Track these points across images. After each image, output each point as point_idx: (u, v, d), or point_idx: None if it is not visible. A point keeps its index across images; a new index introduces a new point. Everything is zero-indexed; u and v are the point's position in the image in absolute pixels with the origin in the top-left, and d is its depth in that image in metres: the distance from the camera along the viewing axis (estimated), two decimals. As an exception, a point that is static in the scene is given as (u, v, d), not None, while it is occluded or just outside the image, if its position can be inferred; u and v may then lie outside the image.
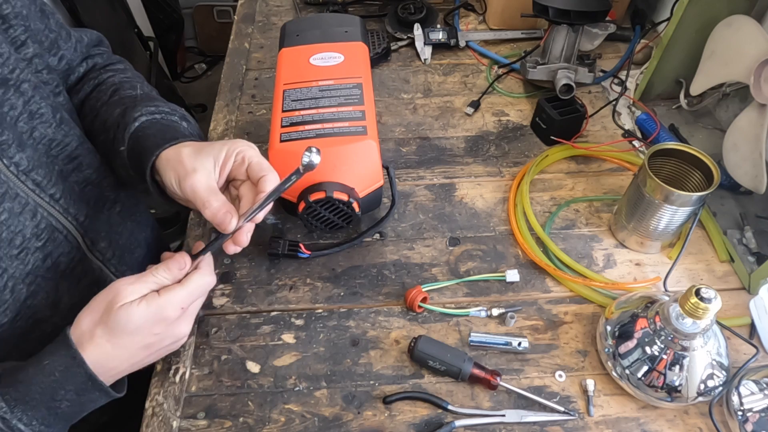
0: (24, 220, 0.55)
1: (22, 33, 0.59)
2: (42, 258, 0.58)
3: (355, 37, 0.79)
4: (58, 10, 1.40)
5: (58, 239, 0.59)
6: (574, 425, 0.59)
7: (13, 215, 0.54)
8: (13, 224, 0.54)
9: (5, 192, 0.53)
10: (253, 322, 0.67)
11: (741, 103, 0.82)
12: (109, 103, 0.67)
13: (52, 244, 0.59)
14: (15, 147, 0.54)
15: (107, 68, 0.72)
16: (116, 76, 0.70)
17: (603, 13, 0.84)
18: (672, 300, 0.55)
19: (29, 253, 0.56)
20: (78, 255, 0.63)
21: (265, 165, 0.56)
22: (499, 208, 0.79)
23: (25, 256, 0.56)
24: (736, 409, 0.56)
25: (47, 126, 0.58)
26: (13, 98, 0.54)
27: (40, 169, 0.57)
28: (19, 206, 0.54)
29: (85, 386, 0.50)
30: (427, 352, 0.61)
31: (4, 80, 0.53)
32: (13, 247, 0.54)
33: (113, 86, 0.68)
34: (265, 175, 0.55)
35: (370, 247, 0.75)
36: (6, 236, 0.53)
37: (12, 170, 0.53)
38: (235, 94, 0.97)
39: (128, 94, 0.67)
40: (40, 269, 0.58)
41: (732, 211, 0.75)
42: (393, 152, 0.87)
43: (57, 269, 0.60)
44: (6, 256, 0.53)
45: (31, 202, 0.56)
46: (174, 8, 2.20)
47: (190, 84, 2.46)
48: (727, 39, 0.74)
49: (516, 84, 0.99)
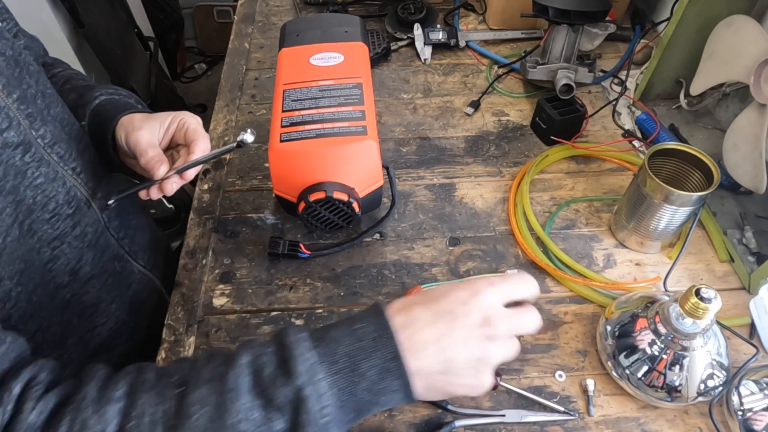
0: (57, 187, 0.57)
1: (14, 26, 0.63)
2: (72, 225, 0.60)
3: (355, 37, 0.79)
4: (58, 11, 1.40)
5: (83, 210, 0.62)
6: (574, 425, 0.59)
7: (48, 180, 0.56)
8: (47, 189, 0.56)
9: (41, 157, 0.55)
10: (253, 322, 0.67)
11: (741, 103, 0.82)
12: (62, 90, 0.70)
13: (80, 213, 0.61)
14: (39, 121, 0.56)
15: (56, 66, 0.75)
16: (66, 71, 0.74)
17: (603, 13, 0.84)
18: (672, 300, 0.55)
19: (60, 219, 0.58)
20: (100, 227, 0.65)
21: (200, 131, 0.63)
22: (499, 208, 0.79)
23: (56, 221, 0.58)
24: (736, 409, 0.56)
25: (56, 106, 0.61)
26: (27, 77, 0.56)
27: (61, 143, 0.59)
28: (53, 173, 0.57)
29: (389, 365, 0.43)
30: (427, 352, 0.61)
31: (17, 61, 0.55)
32: (46, 211, 0.57)
33: (64, 77, 0.72)
34: (196, 140, 0.62)
35: (370, 247, 0.75)
36: (41, 200, 0.56)
37: (39, 141, 0.56)
38: (235, 94, 0.97)
39: (81, 84, 0.71)
40: (68, 236, 0.60)
41: (732, 211, 0.75)
42: (393, 152, 0.87)
43: (84, 238, 0.62)
44: (38, 220, 0.56)
45: (59, 171, 0.58)
46: (174, 8, 2.20)
47: (190, 84, 2.46)
48: (727, 39, 0.74)
49: (516, 84, 0.99)
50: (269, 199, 0.80)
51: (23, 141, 0.53)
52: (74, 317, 0.63)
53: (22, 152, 0.53)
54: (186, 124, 0.63)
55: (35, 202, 0.55)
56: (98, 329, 0.67)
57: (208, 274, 0.72)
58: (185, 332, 0.66)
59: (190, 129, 0.63)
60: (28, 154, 0.54)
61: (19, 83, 0.54)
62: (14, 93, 0.53)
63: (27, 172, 0.54)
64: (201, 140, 0.62)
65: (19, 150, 0.52)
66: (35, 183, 0.55)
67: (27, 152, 0.53)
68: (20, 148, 0.52)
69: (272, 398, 0.41)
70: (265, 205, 0.80)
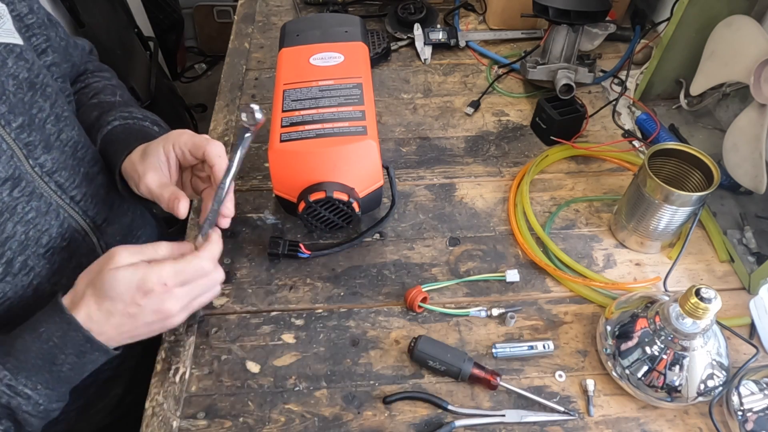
0: (50, 220, 0.57)
1: (44, 42, 0.62)
2: (68, 258, 0.59)
3: (355, 37, 0.78)
4: (58, 10, 1.40)
5: (78, 240, 0.61)
6: (574, 425, 0.59)
7: (40, 214, 0.56)
8: (40, 223, 0.56)
9: (32, 191, 0.55)
10: (253, 322, 0.67)
11: (741, 103, 0.82)
12: (88, 105, 0.70)
13: (74, 244, 0.60)
14: (41, 148, 0.55)
15: (95, 74, 0.75)
16: (101, 82, 0.74)
17: (603, 13, 0.84)
18: (672, 300, 0.55)
19: (56, 252, 0.58)
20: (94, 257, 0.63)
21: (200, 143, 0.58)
22: (499, 208, 0.79)
23: (51, 255, 0.57)
24: (736, 409, 0.56)
25: (71, 129, 0.60)
26: (40, 101, 0.56)
27: (64, 171, 0.58)
28: (45, 206, 0.56)
29: (84, 348, 0.50)
30: (427, 352, 0.61)
31: (31, 84, 0.55)
32: (40, 246, 0.56)
33: (95, 90, 0.72)
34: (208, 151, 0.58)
35: (370, 247, 0.75)
36: (33, 235, 0.55)
37: (37, 171, 0.55)
38: (235, 94, 0.97)
39: (107, 99, 0.70)
40: (66, 270, 0.59)
41: (732, 211, 0.75)
42: (393, 152, 0.87)
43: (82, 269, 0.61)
44: (34, 255, 0.55)
45: (53, 203, 0.57)
46: (174, 8, 2.19)
47: (190, 84, 2.46)
48: (727, 39, 0.74)
49: (516, 84, 0.99)
50: (269, 199, 0.80)
51: (11, 176, 0.52)
52: None
53: (11, 187, 0.52)
54: (182, 145, 0.59)
55: (27, 237, 0.54)
56: None
57: (208, 274, 0.72)
58: (185, 332, 0.66)
59: (193, 145, 0.59)
60: (17, 189, 0.53)
61: (27, 108, 0.54)
62: (15, 121, 0.52)
63: (17, 208, 0.53)
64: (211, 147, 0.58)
65: (7, 186, 0.52)
66: (26, 218, 0.54)
67: (16, 187, 0.53)
68: (8, 183, 0.52)
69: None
70: (265, 205, 0.80)
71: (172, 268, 0.52)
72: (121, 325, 0.51)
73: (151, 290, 0.51)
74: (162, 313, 0.52)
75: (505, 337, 0.66)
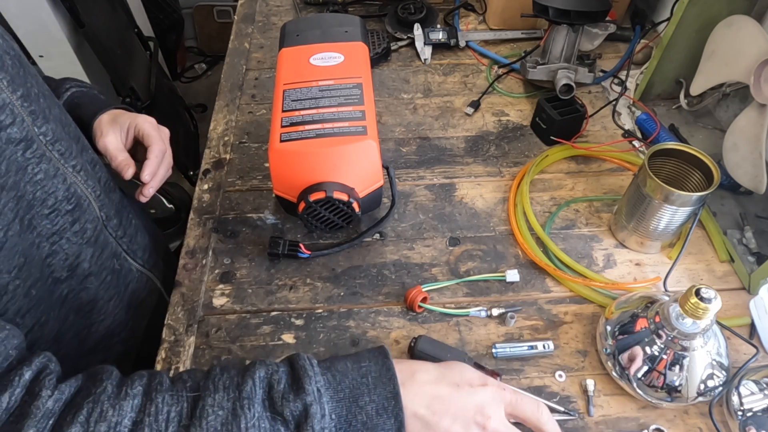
0: (57, 183, 0.58)
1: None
2: (71, 221, 0.61)
3: (355, 37, 0.78)
4: (58, 10, 1.40)
5: (83, 206, 0.62)
6: (574, 425, 0.59)
7: (48, 177, 0.57)
8: (47, 185, 0.57)
9: (42, 154, 0.56)
10: (253, 322, 0.67)
11: (741, 103, 0.82)
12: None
13: (79, 209, 0.62)
14: (42, 119, 0.57)
15: None
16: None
17: (603, 13, 0.84)
18: (672, 300, 0.55)
19: (59, 214, 0.59)
20: (99, 225, 0.66)
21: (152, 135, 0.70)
22: (499, 208, 0.79)
23: (55, 216, 0.58)
24: (736, 409, 0.56)
25: (55, 107, 0.61)
26: (29, 77, 0.57)
27: (62, 141, 0.60)
28: (53, 169, 0.58)
29: (387, 403, 0.47)
30: (427, 352, 0.61)
31: (20, 61, 0.56)
32: (45, 206, 0.57)
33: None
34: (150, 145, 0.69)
35: (370, 247, 0.75)
36: (40, 195, 0.56)
37: (41, 138, 0.56)
38: (235, 94, 0.97)
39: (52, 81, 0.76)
40: (67, 231, 0.60)
41: (732, 211, 0.75)
42: (393, 152, 0.87)
43: (83, 234, 0.63)
44: (38, 215, 0.56)
45: (60, 167, 0.59)
46: (174, 8, 2.20)
47: (190, 84, 2.46)
48: (727, 39, 0.74)
49: (516, 84, 0.99)
50: (269, 199, 0.80)
51: (26, 137, 0.54)
52: (72, 313, 0.64)
53: (24, 148, 0.54)
54: (140, 130, 0.70)
55: (35, 197, 0.56)
56: (95, 326, 0.68)
57: (208, 274, 0.72)
58: (185, 332, 0.66)
59: (144, 134, 0.70)
60: (29, 150, 0.54)
61: (23, 81, 0.55)
62: (18, 90, 0.54)
63: (28, 168, 0.54)
64: (154, 145, 0.69)
65: (21, 146, 0.53)
66: (35, 179, 0.55)
67: (29, 148, 0.54)
68: (22, 144, 0.53)
69: (281, 411, 0.45)
70: (265, 205, 0.80)
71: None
72: (427, 401, 0.49)
73: (473, 382, 0.50)
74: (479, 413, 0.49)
75: (505, 337, 0.66)
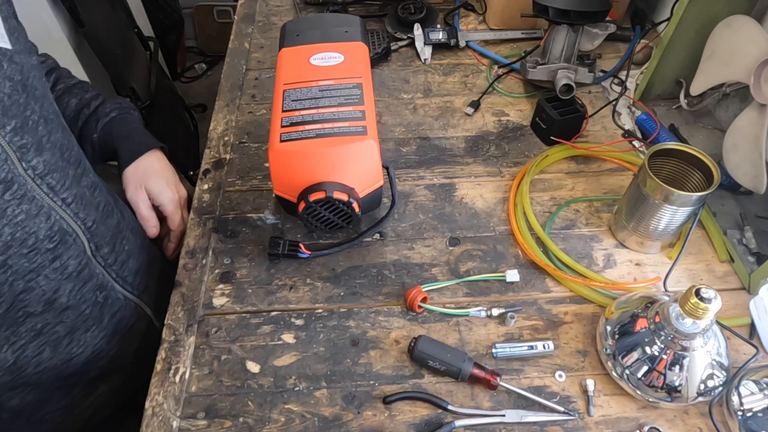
0: (39, 222, 0.56)
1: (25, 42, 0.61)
2: (51, 259, 0.59)
3: (355, 37, 0.78)
4: (58, 10, 1.40)
5: (68, 242, 0.61)
6: (574, 425, 0.59)
7: (30, 217, 0.55)
8: (28, 225, 0.55)
9: (24, 194, 0.54)
10: (253, 322, 0.67)
11: (741, 103, 0.82)
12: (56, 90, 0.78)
13: (62, 246, 0.60)
14: (34, 151, 0.55)
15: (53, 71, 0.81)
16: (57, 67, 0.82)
17: (603, 13, 0.84)
18: (672, 300, 0.55)
19: (39, 253, 0.57)
20: (84, 259, 0.64)
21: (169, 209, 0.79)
22: (499, 208, 0.79)
23: (33, 255, 0.57)
24: (736, 409, 0.56)
25: (58, 131, 0.60)
26: (32, 103, 0.56)
27: (55, 173, 0.58)
28: (36, 208, 0.56)
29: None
30: (427, 352, 0.61)
31: (24, 86, 0.55)
32: (25, 246, 0.56)
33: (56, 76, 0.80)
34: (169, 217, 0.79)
35: (370, 247, 0.75)
36: (20, 236, 0.55)
37: (29, 173, 0.55)
38: (235, 94, 0.97)
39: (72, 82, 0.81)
40: (46, 268, 0.59)
41: (732, 211, 0.75)
42: (393, 152, 0.87)
43: (64, 270, 0.61)
44: (15, 254, 0.55)
45: (45, 205, 0.57)
46: (174, 8, 2.19)
47: (190, 84, 2.46)
48: (727, 39, 0.74)
49: (516, 84, 0.99)
50: (269, 199, 0.80)
51: (4, 179, 0.52)
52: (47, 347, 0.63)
53: (2, 191, 0.52)
54: (161, 203, 0.78)
55: (14, 238, 0.54)
56: (75, 359, 0.67)
57: (208, 274, 0.72)
58: (185, 332, 0.66)
59: (164, 207, 0.79)
60: (8, 192, 0.52)
61: (22, 110, 0.53)
62: (9, 124, 0.52)
63: (7, 210, 0.53)
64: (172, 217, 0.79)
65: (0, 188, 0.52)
66: (15, 221, 0.54)
67: (8, 190, 0.52)
68: (1, 187, 0.52)
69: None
70: (265, 205, 0.80)
71: None
72: None
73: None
74: None
75: (505, 337, 0.66)
